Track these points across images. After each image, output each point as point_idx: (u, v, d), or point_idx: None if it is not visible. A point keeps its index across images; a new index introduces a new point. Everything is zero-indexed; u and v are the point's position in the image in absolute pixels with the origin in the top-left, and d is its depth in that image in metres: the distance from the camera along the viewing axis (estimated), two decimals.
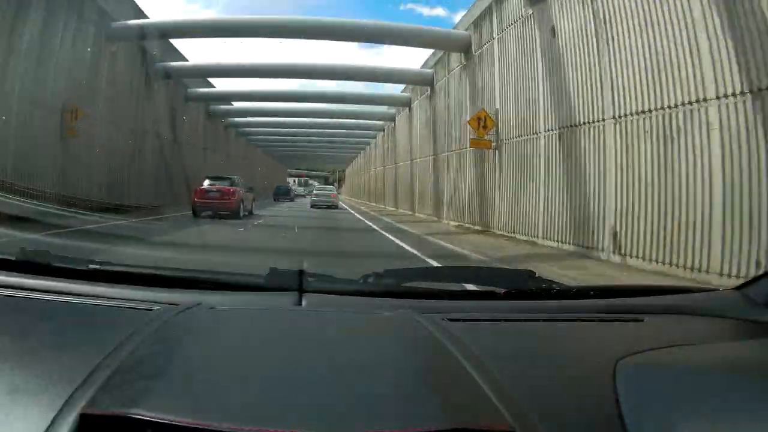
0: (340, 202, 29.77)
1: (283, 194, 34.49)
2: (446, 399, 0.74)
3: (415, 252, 9.11)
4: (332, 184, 52.71)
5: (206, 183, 15.72)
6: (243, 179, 17.77)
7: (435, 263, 7.55)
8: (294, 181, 67.49)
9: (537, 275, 1.39)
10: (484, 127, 12.34)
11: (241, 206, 15.62)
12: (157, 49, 17.80)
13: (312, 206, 26.70)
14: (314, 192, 30.22)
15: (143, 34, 15.68)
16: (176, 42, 19.24)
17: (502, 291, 1.29)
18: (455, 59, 16.27)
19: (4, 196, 8.92)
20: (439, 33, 16.50)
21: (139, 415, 0.63)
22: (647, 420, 0.70)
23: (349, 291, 1.27)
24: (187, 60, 20.67)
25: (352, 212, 24.62)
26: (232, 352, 0.89)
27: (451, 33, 16.10)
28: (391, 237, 12.07)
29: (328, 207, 26.06)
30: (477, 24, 14.26)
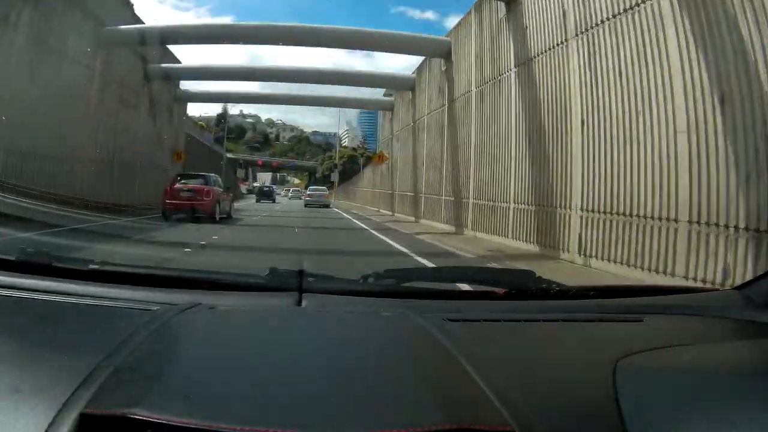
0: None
1: (266, 195, 36.45)
2: (446, 399, 0.74)
3: None
4: (322, 183, 45.82)
5: (177, 182, 14.46)
6: (219, 177, 16.22)
7: None
8: (242, 173, 52.26)
9: (537, 275, 1.39)
10: None
11: (218, 208, 14.42)
12: None
13: (306, 205, 27.45)
14: (308, 192, 31.49)
15: None
16: None
17: (502, 291, 1.29)
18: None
19: None
20: (424, 38, 17.26)
21: (139, 415, 0.63)
22: (647, 420, 0.70)
23: (349, 291, 1.27)
24: None
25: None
26: (231, 352, 0.89)
27: (434, 39, 16.82)
28: None
29: (321, 206, 26.84)
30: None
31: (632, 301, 1.29)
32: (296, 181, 71.95)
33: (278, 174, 73.49)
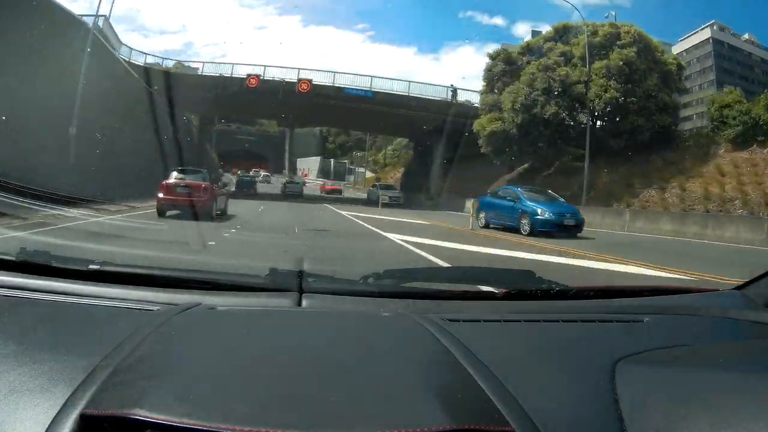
0: None
1: (246, 186, 31.15)
2: (446, 399, 0.73)
3: None
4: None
5: (173, 177, 13.38)
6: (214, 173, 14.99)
7: None
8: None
9: (537, 276, 1.39)
10: None
11: (214, 205, 13.45)
12: None
13: (282, 193, 30.89)
14: (286, 183, 35.23)
15: None
16: None
17: (502, 291, 1.29)
18: None
19: None
20: None
21: (139, 415, 0.63)
22: (647, 420, 0.70)
23: (349, 291, 1.26)
24: None
25: None
26: (231, 352, 0.88)
27: None
28: None
29: (298, 195, 30.32)
30: None
31: (632, 301, 1.29)
32: (368, 174, 41.94)
33: (332, 161, 43.00)
